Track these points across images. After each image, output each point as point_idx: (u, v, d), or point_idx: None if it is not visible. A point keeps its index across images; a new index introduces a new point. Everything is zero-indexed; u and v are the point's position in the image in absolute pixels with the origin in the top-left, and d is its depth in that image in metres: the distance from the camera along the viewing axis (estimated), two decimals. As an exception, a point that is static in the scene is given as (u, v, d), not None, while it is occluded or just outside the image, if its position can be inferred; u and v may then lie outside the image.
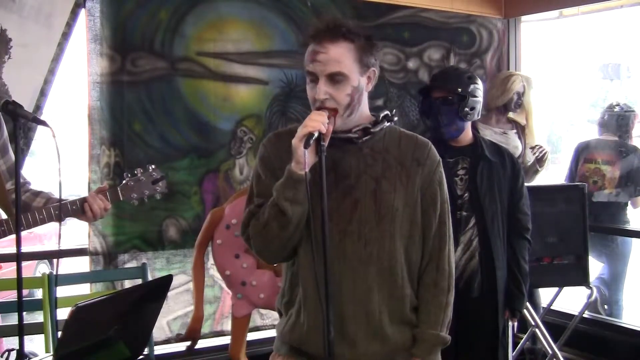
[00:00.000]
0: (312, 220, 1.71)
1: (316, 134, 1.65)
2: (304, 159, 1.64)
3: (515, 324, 3.16)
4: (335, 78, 1.72)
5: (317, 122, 1.66)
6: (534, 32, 4.74)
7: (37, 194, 2.38)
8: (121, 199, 2.42)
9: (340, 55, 1.72)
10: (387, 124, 1.86)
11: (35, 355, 2.79)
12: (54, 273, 2.89)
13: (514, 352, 3.73)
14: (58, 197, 2.34)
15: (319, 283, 1.64)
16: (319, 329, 1.72)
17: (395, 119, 1.90)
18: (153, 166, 2.48)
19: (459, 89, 2.81)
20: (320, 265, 1.65)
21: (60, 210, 2.27)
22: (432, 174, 1.85)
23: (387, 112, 1.87)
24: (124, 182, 2.43)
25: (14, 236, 2.05)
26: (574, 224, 3.58)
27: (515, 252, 2.81)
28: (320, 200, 1.66)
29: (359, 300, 1.77)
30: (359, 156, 1.81)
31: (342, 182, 1.79)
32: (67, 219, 2.42)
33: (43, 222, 2.30)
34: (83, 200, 2.34)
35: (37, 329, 2.93)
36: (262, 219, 1.75)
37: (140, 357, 2.24)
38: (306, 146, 1.63)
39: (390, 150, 1.84)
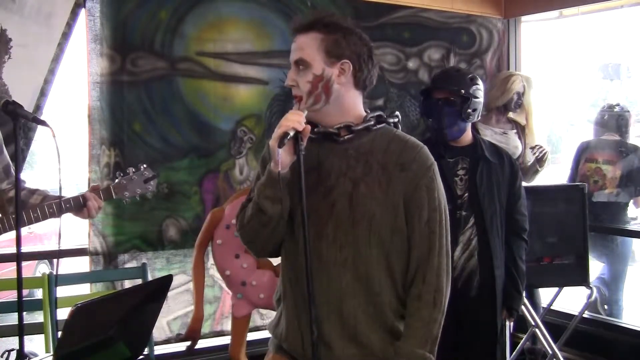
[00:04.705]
0: (289, 219, 1.72)
1: (292, 133, 1.65)
2: (278, 158, 1.65)
3: (512, 323, 3.17)
4: (299, 65, 1.75)
5: (292, 122, 1.67)
6: (534, 32, 4.73)
7: (33, 191, 2.39)
8: (114, 197, 2.45)
9: (303, 43, 1.75)
10: (378, 125, 1.83)
11: (35, 355, 2.78)
12: (54, 273, 2.89)
13: (514, 352, 3.74)
14: (53, 194, 2.36)
15: (292, 284, 1.67)
16: (295, 328, 1.75)
17: (392, 120, 1.87)
18: (145, 165, 2.52)
19: (462, 91, 2.81)
20: (299, 266, 1.66)
21: (61, 208, 2.27)
22: (419, 179, 1.75)
23: (380, 112, 1.85)
24: (116, 180, 2.47)
25: (14, 236, 2.05)
26: (574, 224, 3.58)
27: (513, 252, 2.82)
28: (299, 200, 1.67)
29: (332, 303, 1.75)
30: (342, 157, 1.79)
31: (322, 183, 1.77)
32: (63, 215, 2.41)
33: (38, 220, 2.31)
34: (79, 197, 2.34)
35: (37, 329, 2.94)
36: (246, 214, 1.78)
37: (140, 357, 2.24)
38: (280, 145, 1.64)
39: (375, 153, 1.78)
